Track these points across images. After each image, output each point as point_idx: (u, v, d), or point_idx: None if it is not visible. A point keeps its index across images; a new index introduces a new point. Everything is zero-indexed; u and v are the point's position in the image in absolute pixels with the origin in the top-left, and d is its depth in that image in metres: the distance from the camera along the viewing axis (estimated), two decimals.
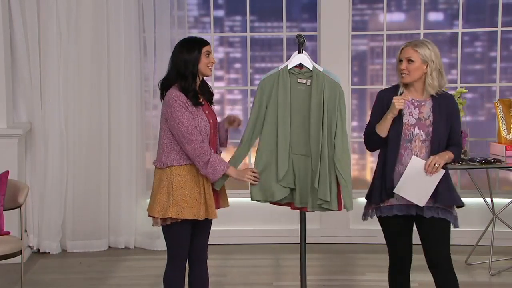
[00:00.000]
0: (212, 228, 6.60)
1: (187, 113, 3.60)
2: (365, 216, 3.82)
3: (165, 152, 3.67)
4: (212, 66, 3.71)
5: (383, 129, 3.64)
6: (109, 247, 6.00)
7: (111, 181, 5.94)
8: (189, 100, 3.62)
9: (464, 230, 5.84)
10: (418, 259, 3.81)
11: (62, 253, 5.87)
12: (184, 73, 3.63)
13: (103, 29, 5.83)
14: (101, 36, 5.84)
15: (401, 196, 3.63)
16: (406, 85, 3.68)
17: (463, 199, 3.77)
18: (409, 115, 3.64)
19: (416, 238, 3.75)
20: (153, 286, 5.01)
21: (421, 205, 3.62)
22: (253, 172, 3.75)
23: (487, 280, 5.04)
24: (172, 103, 3.60)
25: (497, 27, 5.87)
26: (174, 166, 3.65)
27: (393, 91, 3.72)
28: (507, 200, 5.38)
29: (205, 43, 3.69)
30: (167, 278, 3.76)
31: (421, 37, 5.93)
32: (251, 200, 3.87)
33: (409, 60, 3.61)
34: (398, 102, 3.55)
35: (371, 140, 3.74)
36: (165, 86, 3.72)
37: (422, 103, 3.65)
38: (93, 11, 5.83)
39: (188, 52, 3.63)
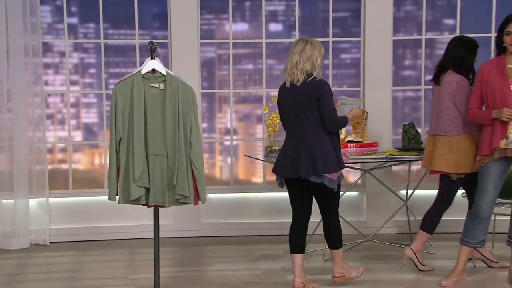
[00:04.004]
0: (67, 226, 6.57)
1: None
2: None
3: (453, 123, 4.81)
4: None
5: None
6: None
7: None
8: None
9: None
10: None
11: None
12: (461, 65, 4.83)
13: None
14: None
15: None
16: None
17: None
18: None
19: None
20: (6, 284, 4.92)
21: None
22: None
23: (321, 265, 5.41)
24: (465, 85, 4.80)
25: (328, 37, 6.41)
26: (462, 134, 4.82)
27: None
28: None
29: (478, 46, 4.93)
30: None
31: (263, 46, 6.39)
32: (110, 200, 4.12)
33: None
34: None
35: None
36: (442, 71, 4.89)
37: None
38: None
39: (467, 53, 4.83)
